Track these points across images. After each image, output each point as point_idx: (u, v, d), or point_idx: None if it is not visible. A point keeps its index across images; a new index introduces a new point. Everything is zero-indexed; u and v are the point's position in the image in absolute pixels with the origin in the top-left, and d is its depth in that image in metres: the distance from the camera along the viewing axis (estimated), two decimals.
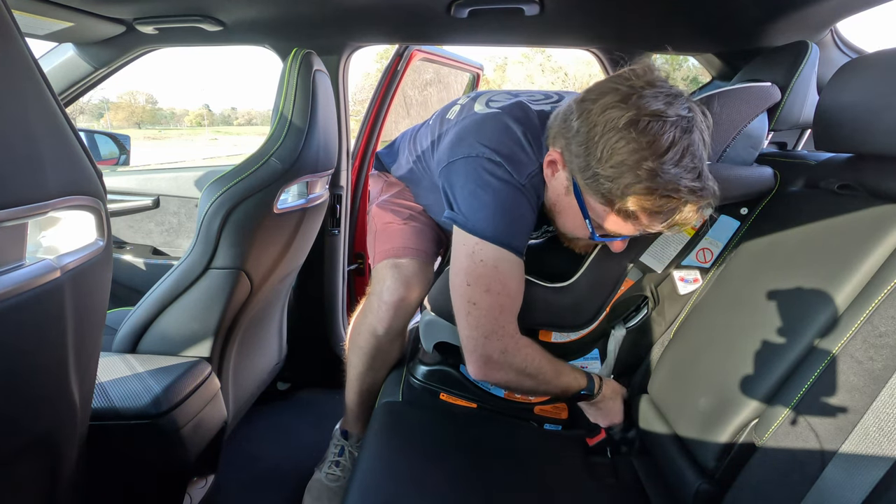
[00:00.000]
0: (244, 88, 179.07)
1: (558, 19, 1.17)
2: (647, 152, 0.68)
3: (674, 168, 0.68)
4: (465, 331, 0.84)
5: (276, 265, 1.12)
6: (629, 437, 0.93)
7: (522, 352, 0.85)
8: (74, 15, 1.14)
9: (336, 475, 1.14)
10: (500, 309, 0.83)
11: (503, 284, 0.82)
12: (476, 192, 0.83)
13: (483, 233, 0.81)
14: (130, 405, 0.83)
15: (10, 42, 0.43)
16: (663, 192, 0.68)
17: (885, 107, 0.69)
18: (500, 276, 0.82)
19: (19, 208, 0.43)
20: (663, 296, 0.99)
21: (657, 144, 0.67)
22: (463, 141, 0.87)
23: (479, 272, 0.82)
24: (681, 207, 0.71)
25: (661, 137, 0.67)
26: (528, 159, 0.84)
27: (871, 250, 0.65)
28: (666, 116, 0.68)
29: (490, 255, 0.81)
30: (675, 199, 0.69)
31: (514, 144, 0.84)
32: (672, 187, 0.68)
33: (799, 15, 1.04)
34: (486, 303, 0.82)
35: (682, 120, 0.69)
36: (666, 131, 0.68)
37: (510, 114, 0.87)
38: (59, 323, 0.51)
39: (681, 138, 0.68)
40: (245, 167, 0.95)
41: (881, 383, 0.56)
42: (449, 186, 0.87)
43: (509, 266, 0.82)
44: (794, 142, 1.22)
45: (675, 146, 0.68)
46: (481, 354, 0.83)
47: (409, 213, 1.13)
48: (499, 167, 0.82)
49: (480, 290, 0.82)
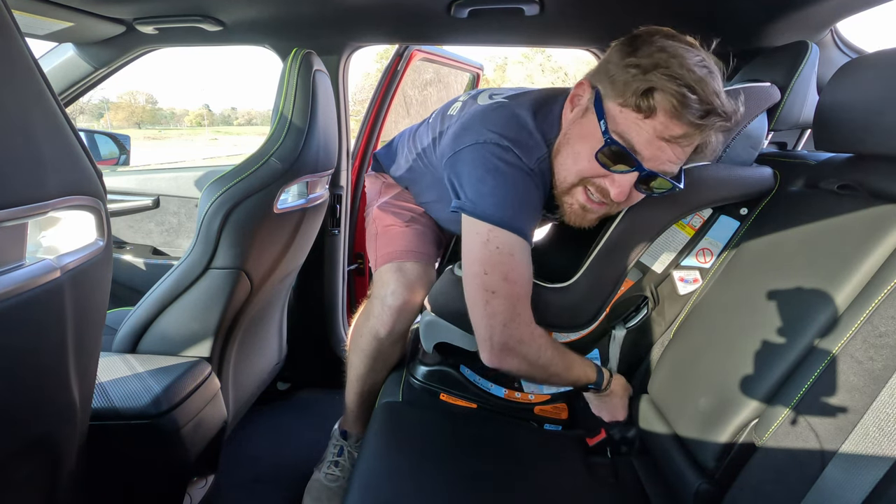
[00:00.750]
0: (244, 88, 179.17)
1: (558, 19, 1.17)
2: (683, 59, 0.71)
3: (699, 73, 0.71)
4: (483, 319, 0.82)
5: (276, 265, 1.12)
6: (629, 437, 0.93)
7: (537, 342, 0.84)
8: (74, 15, 1.14)
9: (335, 475, 1.14)
10: (517, 297, 0.82)
11: (520, 272, 0.81)
12: (484, 177, 0.81)
13: (493, 218, 0.80)
14: (130, 405, 0.83)
15: (10, 42, 0.43)
16: (691, 81, 0.70)
17: (885, 107, 0.69)
18: (517, 263, 0.81)
19: (19, 208, 0.43)
20: (663, 296, 0.99)
21: (687, 62, 0.71)
22: (468, 130, 0.86)
23: (495, 260, 0.80)
24: (705, 120, 0.71)
25: (695, 69, 0.71)
26: (535, 144, 0.83)
27: (871, 250, 0.65)
28: (694, 62, 0.72)
29: (505, 241, 0.80)
30: (701, 98, 0.70)
31: (521, 129, 0.83)
32: (697, 78, 0.70)
33: (799, 15, 1.04)
34: (504, 291, 0.81)
35: (709, 74, 0.73)
36: (695, 64, 0.71)
37: (516, 101, 0.87)
38: (59, 323, 0.51)
39: (708, 74, 0.72)
40: (245, 167, 0.95)
41: (881, 383, 0.56)
42: (455, 176, 0.86)
43: (522, 253, 0.82)
44: (794, 142, 1.22)
45: (700, 69, 0.72)
46: (498, 341, 0.82)
47: (410, 216, 1.12)
48: (507, 151, 0.81)
49: (498, 278, 0.80)
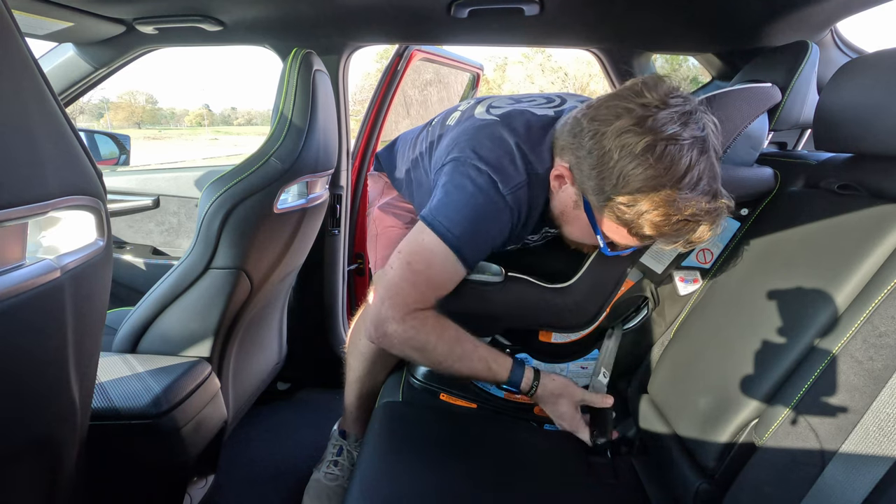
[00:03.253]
0: (244, 88, 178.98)
1: (558, 19, 1.17)
2: (665, 179, 0.67)
3: (691, 192, 0.68)
4: (376, 290, 0.85)
5: (276, 265, 1.12)
6: (629, 437, 0.93)
7: (421, 325, 0.83)
8: (74, 15, 1.14)
9: (335, 475, 1.14)
10: (410, 283, 0.82)
11: (428, 266, 0.82)
12: (451, 192, 0.82)
13: (438, 229, 0.80)
14: (130, 405, 0.83)
15: (10, 42, 0.43)
16: (680, 216, 0.68)
17: (885, 107, 0.69)
18: (430, 260, 0.81)
19: (19, 208, 0.43)
20: (663, 296, 0.99)
21: (674, 170, 0.67)
22: (456, 145, 0.87)
23: (412, 248, 0.82)
24: (696, 227, 0.71)
25: (679, 162, 0.67)
26: (515, 172, 0.82)
27: (871, 250, 0.65)
28: (682, 139, 0.67)
29: (433, 243, 0.80)
30: (691, 222, 0.69)
31: (503, 154, 0.83)
32: (689, 212, 0.68)
33: (799, 15, 1.04)
34: (400, 271, 0.82)
35: (697, 141, 0.68)
36: (683, 155, 0.67)
37: (507, 123, 0.86)
38: (59, 323, 0.51)
39: (697, 161, 0.68)
40: (245, 167, 0.95)
41: (881, 383, 0.56)
42: (435, 186, 0.87)
43: (445, 263, 0.81)
44: (794, 142, 1.22)
45: (692, 170, 0.67)
46: (374, 316, 0.83)
47: (411, 217, 1.12)
48: (482, 175, 0.81)
49: (403, 260, 0.82)
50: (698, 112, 0.71)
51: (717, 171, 0.71)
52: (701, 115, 0.71)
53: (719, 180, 0.72)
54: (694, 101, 0.72)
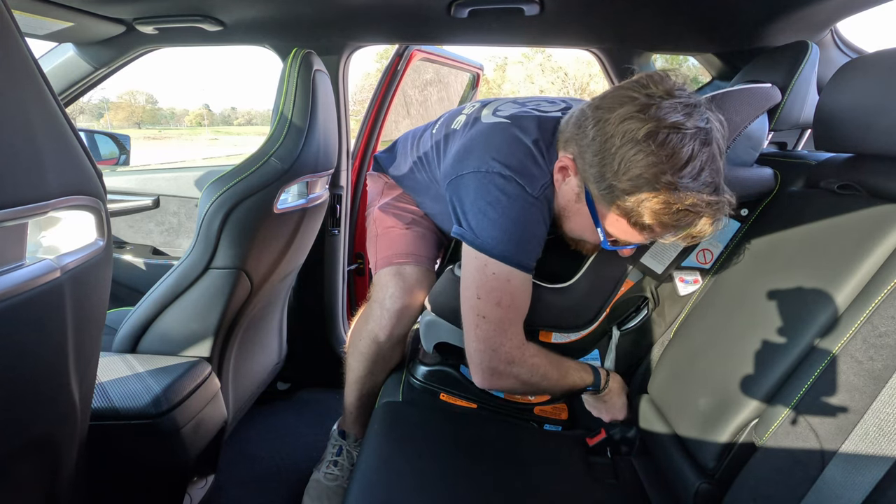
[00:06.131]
0: (244, 88, 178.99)
1: (558, 19, 1.17)
2: (666, 166, 0.67)
3: (692, 182, 0.68)
4: (473, 343, 0.84)
5: (276, 265, 1.12)
6: (629, 437, 0.93)
7: (528, 362, 0.85)
8: (74, 15, 1.14)
9: (334, 475, 1.14)
10: (509, 322, 0.83)
11: (513, 297, 0.82)
12: (486, 209, 0.81)
13: (493, 252, 0.80)
14: (130, 405, 0.83)
15: (10, 42, 0.43)
16: (681, 206, 0.68)
17: (885, 107, 0.69)
18: (511, 289, 0.81)
19: (19, 208, 0.43)
20: (663, 296, 0.99)
21: (676, 158, 0.67)
22: (471, 154, 0.85)
23: (490, 286, 0.81)
24: (697, 220, 0.71)
25: (681, 150, 0.67)
26: (539, 171, 0.82)
27: (871, 250, 0.65)
28: (685, 129, 0.67)
29: (502, 269, 0.81)
30: (692, 213, 0.69)
31: (524, 157, 0.83)
32: (690, 202, 0.68)
33: (799, 15, 1.04)
34: (495, 316, 0.82)
35: (700, 132, 0.68)
36: (685, 144, 0.67)
37: (519, 124, 0.86)
38: (59, 323, 0.51)
39: (700, 151, 0.68)
40: (245, 167, 0.95)
41: (881, 383, 0.56)
42: (458, 201, 0.85)
43: (520, 281, 0.82)
44: (794, 142, 1.22)
45: (693, 160, 0.67)
46: (488, 366, 0.83)
47: (411, 218, 1.12)
48: (510, 182, 0.81)
49: (491, 304, 0.81)
50: (703, 107, 0.71)
51: (720, 166, 0.71)
52: (705, 111, 0.71)
53: (722, 176, 0.71)
54: (700, 98, 0.72)
